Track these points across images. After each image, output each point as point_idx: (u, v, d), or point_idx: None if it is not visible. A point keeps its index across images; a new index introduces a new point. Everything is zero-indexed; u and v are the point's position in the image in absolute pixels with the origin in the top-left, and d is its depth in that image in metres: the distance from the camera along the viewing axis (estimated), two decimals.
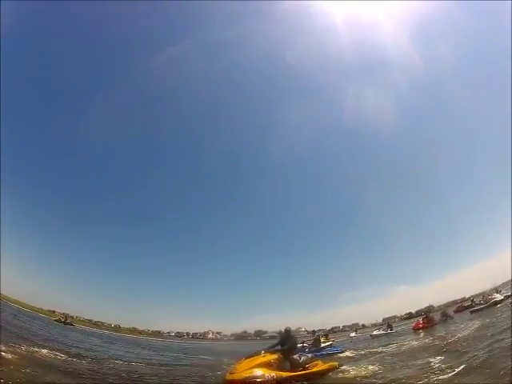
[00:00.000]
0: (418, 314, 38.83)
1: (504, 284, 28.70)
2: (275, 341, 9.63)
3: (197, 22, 54.17)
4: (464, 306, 26.71)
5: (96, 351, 15.20)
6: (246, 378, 7.43)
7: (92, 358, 11.78)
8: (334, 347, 16.76)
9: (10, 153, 55.19)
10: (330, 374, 9.20)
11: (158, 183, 76.76)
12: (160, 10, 55.70)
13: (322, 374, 9.14)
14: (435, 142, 57.07)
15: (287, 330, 9.63)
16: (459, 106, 52.83)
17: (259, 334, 53.94)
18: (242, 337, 54.58)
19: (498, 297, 20.45)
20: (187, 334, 57.29)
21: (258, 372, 7.61)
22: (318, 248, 71.95)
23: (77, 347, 14.62)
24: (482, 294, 23.72)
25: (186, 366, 13.52)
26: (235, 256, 69.54)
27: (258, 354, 8.46)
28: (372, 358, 11.56)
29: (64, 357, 10.53)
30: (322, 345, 17.35)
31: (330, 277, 63.69)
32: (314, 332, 15.80)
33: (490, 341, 9.12)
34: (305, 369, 8.87)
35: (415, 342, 14.40)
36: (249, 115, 68.37)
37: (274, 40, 55.57)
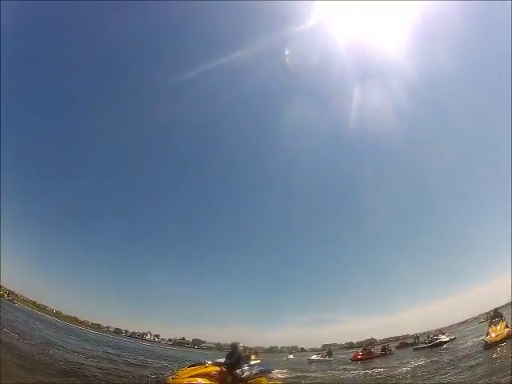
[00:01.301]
0: (359, 345, 37.98)
1: (448, 327, 29.14)
2: (215, 351, 9.79)
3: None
4: (406, 343, 26.42)
5: None
6: None
7: None
8: (262, 366, 16.44)
9: (10, 153, 50.64)
10: None
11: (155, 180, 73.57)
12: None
13: None
14: (435, 147, 56.87)
15: (234, 345, 9.83)
16: (459, 111, 53.28)
17: (197, 343, 52.82)
18: (180, 343, 53.22)
19: (444, 338, 20.02)
20: (126, 331, 56.57)
21: (199, 381, 7.93)
22: (270, 266, 70.69)
23: None
24: (427, 334, 23.28)
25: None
26: (186, 264, 66.69)
27: (201, 363, 8.83)
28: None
29: None
30: (252, 362, 16.53)
31: (275, 297, 62.45)
32: (245, 349, 14.87)
33: None
34: None
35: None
36: (251, 123, 67.32)
37: (272, 44, 54.99)
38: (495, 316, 13.93)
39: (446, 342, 19.34)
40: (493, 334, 11.96)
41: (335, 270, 67.38)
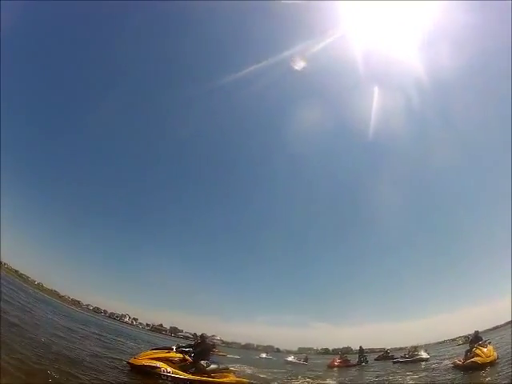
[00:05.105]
0: (335, 352, 38.77)
1: (426, 345, 30.03)
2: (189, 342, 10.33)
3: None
4: (384, 356, 27.12)
5: None
6: (145, 365, 7.98)
7: None
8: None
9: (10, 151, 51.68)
10: None
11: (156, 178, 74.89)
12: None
13: None
14: (444, 150, 56.50)
15: (203, 336, 10.18)
16: (469, 112, 53.37)
17: (174, 331, 52.52)
18: (158, 329, 53.25)
19: (425, 355, 20.54)
20: (104, 311, 56.73)
21: (158, 364, 8.01)
22: (256, 261, 70.98)
23: None
24: (408, 349, 24.08)
25: None
26: (172, 250, 66.48)
27: (164, 348, 9.05)
28: None
29: None
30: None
31: (256, 294, 62.68)
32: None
33: None
34: (209, 376, 8.95)
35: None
36: (255, 119, 67.18)
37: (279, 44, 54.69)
38: (476, 339, 13.97)
39: (426, 359, 19.60)
40: (483, 356, 11.89)
41: (318, 276, 68.08)
